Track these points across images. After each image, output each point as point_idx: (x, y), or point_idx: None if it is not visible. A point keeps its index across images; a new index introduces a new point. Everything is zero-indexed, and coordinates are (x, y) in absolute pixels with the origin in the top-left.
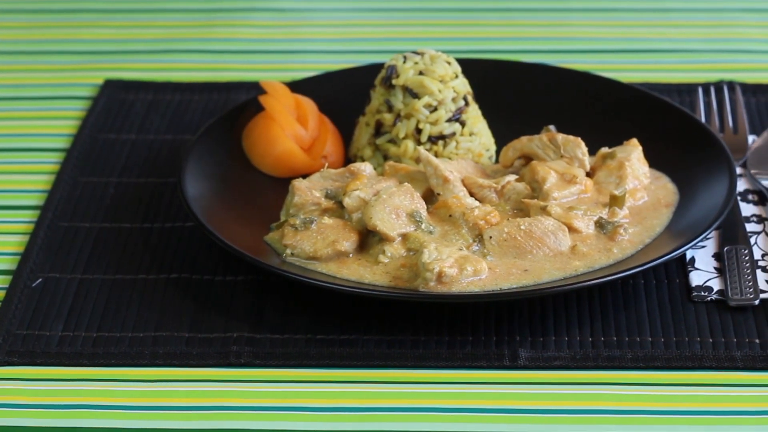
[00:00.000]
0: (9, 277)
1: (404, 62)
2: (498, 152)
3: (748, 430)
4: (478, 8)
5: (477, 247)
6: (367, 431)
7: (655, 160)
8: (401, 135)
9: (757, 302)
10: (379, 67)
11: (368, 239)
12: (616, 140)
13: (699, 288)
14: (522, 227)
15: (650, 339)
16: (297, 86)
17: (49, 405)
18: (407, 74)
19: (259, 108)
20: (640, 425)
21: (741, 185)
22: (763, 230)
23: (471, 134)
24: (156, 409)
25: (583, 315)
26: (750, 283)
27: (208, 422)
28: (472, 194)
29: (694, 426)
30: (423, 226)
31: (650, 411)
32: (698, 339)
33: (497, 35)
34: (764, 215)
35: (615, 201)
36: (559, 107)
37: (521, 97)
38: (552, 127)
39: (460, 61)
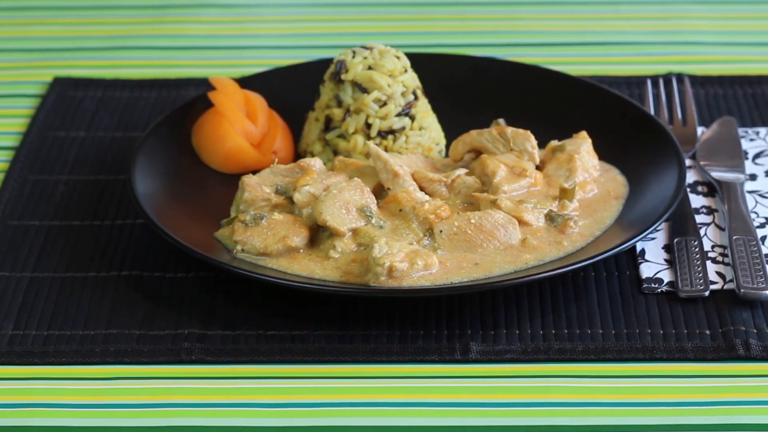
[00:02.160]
0: None
1: (353, 57)
2: (448, 146)
3: (700, 420)
4: (426, 2)
5: (427, 242)
6: (319, 426)
7: (604, 152)
8: (351, 130)
9: (707, 293)
10: (328, 62)
11: (319, 234)
12: (566, 133)
13: (649, 280)
14: (472, 221)
15: (601, 331)
16: (246, 82)
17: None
18: (356, 69)
19: (209, 104)
20: (592, 417)
21: (690, 177)
22: (713, 221)
23: (421, 128)
24: (107, 407)
25: (534, 308)
26: (700, 275)
27: (160, 419)
28: (422, 188)
29: (646, 417)
30: (373, 220)
31: (602, 403)
32: (649, 331)
33: (446, 29)
34: (714, 207)
35: (565, 194)
36: (509, 101)
37: (470, 91)
38: (501, 121)
39: (409, 56)
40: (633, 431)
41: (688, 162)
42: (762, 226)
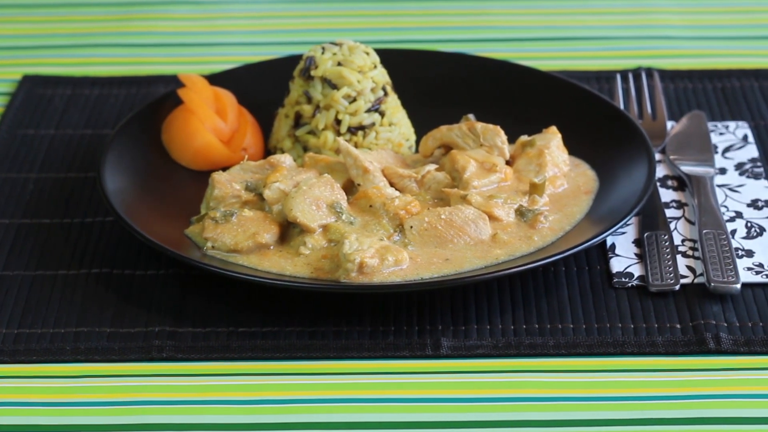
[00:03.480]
0: None
1: (323, 53)
2: (418, 142)
3: (671, 414)
4: None
5: (398, 237)
6: (291, 423)
7: (574, 147)
8: (321, 126)
9: (677, 287)
10: (297, 58)
11: (289, 231)
12: (536, 128)
13: (620, 274)
14: (442, 216)
15: (572, 326)
16: (216, 79)
17: None
18: (326, 65)
19: (178, 101)
20: (563, 412)
21: (660, 171)
22: (683, 216)
23: (390, 124)
24: (78, 405)
25: (504, 303)
26: (670, 269)
27: (131, 417)
28: (392, 184)
29: (617, 412)
30: (343, 216)
31: (572, 398)
32: (620, 325)
33: (415, 25)
34: (684, 201)
35: (535, 189)
36: (479, 96)
37: (440, 87)
38: (471, 116)
39: (379, 52)
40: (604, 425)
41: (657, 156)
42: (732, 219)
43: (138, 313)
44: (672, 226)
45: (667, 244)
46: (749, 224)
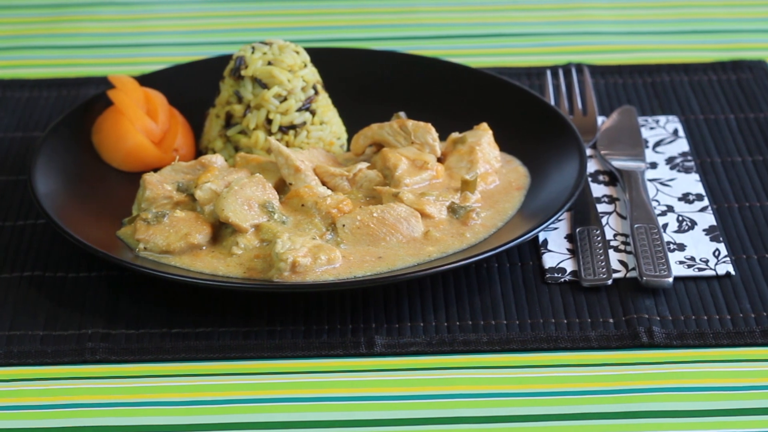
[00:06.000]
0: None
1: (253, 53)
2: (349, 140)
3: (604, 408)
4: None
5: (330, 236)
6: (226, 423)
7: (505, 143)
8: (251, 126)
9: (609, 282)
10: (227, 58)
11: (221, 231)
12: (467, 125)
13: (552, 270)
14: (374, 214)
15: (505, 322)
16: (146, 80)
17: None
18: (256, 65)
19: (109, 103)
20: (497, 408)
21: (591, 166)
22: (615, 210)
23: (321, 123)
24: (11, 409)
25: (438, 300)
26: (602, 264)
27: (65, 420)
28: (324, 183)
29: (551, 407)
30: (276, 216)
31: (507, 393)
32: (553, 320)
33: (346, 23)
34: (615, 195)
35: (466, 185)
36: (409, 94)
37: (371, 85)
38: (402, 114)
39: (309, 50)
40: (539, 420)
41: (589, 152)
42: (663, 214)
43: (71, 316)
44: (604, 221)
45: (599, 239)
46: (680, 218)
